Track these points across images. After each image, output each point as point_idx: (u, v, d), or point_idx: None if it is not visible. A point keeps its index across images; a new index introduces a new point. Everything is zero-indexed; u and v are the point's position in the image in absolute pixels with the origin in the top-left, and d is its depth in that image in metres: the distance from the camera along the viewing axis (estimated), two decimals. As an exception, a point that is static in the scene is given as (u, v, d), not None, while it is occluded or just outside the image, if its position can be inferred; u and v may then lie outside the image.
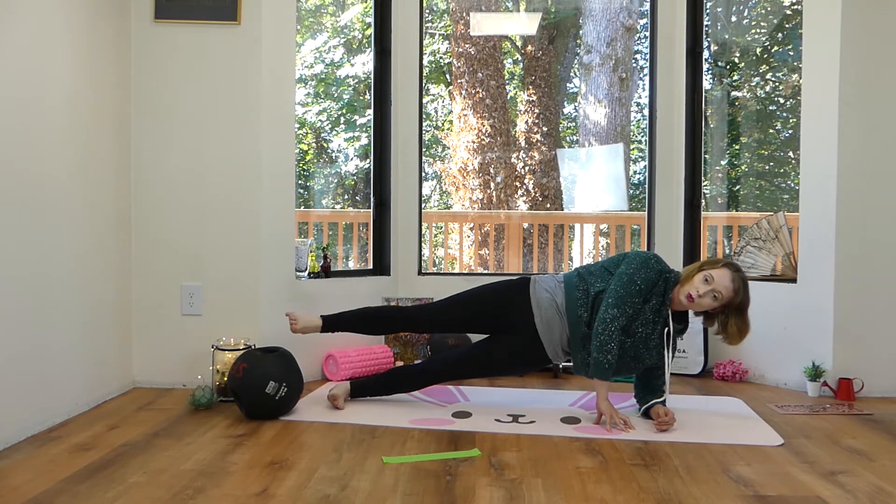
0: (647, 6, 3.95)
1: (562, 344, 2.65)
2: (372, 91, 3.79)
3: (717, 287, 2.47)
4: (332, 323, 2.81)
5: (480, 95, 6.14)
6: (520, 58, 6.55)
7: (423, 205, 3.88)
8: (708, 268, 2.53)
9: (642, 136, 5.77)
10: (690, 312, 2.66)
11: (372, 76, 3.79)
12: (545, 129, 6.14)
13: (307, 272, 3.37)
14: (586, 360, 2.58)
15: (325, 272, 3.47)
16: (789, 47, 4.26)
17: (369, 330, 2.82)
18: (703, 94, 3.77)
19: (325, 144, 5.86)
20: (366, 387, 2.81)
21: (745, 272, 3.42)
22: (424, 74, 3.94)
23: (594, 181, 5.63)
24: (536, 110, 6.16)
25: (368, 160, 3.94)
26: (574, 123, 6.41)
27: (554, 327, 2.63)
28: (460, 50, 6.24)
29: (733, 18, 4.48)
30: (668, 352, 2.56)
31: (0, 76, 2.18)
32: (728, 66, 4.30)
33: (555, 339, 2.63)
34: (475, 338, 2.96)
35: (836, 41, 2.99)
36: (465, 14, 6.18)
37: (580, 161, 5.99)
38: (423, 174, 3.99)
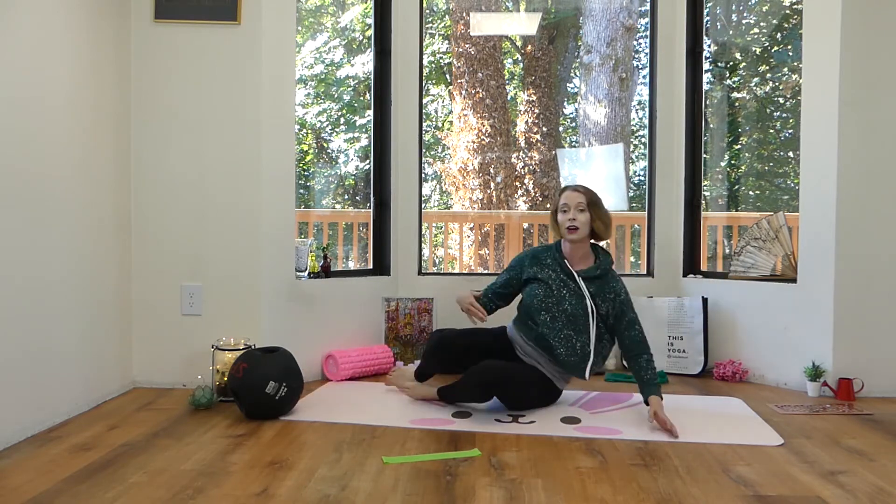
0: (647, 6, 3.95)
1: (554, 370, 2.75)
2: (372, 91, 3.79)
3: (571, 203, 2.73)
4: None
5: (480, 95, 6.14)
6: (520, 58, 6.55)
7: (423, 205, 3.89)
8: (555, 205, 2.78)
9: (642, 135, 5.77)
10: (597, 262, 2.77)
11: (372, 76, 3.79)
12: (545, 129, 6.14)
13: (307, 272, 3.37)
14: (584, 363, 2.70)
15: (325, 272, 3.47)
16: (789, 47, 4.26)
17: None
18: (703, 94, 3.77)
19: (325, 145, 5.86)
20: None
21: (746, 272, 3.44)
22: (424, 74, 3.94)
23: (594, 181, 5.62)
24: (536, 110, 6.16)
25: (368, 160, 3.94)
26: (574, 123, 6.41)
27: (536, 358, 2.75)
28: (460, 50, 6.24)
29: (733, 18, 4.47)
30: (589, 306, 2.66)
31: (0, 76, 2.18)
32: (728, 66, 4.30)
33: (545, 367, 2.74)
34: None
35: (836, 41, 3.00)
36: (465, 14, 6.18)
37: (580, 161, 5.99)
38: (423, 174, 3.99)
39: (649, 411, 2.53)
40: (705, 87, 3.79)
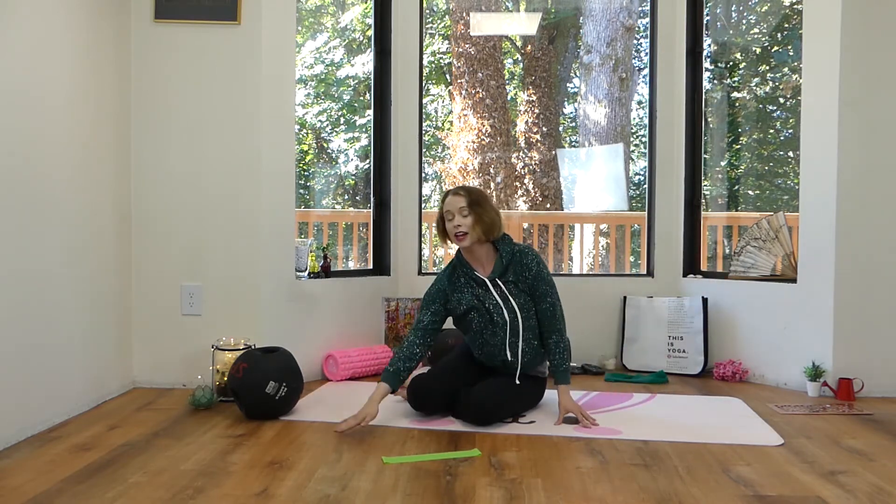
0: (647, 6, 3.95)
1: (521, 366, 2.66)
2: (372, 91, 3.79)
3: (453, 209, 2.58)
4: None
5: (480, 95, 6.14)
6: (520, 58, 6.55)
7: (423, 205, 3.89)
8: (440, 213, 2.64)
9: (642, 135, 5.77)
10: (501, 259, 2.64)
11: (372, 76, 3.79)
12: (545, 129, 6.14)
13: (307, 272, 3.37)
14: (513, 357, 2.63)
15: (325, 272, 3.47)
16: (789, 47, 4.26)
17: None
18: (703, 94, 3.77)
19: (325, 145, 5.86)
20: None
21: (746, 272, 3.44)
22: (424, 74, 3.94)
23: (594, 181, 5.63)
24: (536, 110, 6.16)
25: (368, 160, 3.94)
26: (574, 123, 6.41)
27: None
28: (460, 50, 6.24)
29: (733, 18, 4.47)
30: (511, 303, 2.59)
31: (0, 76, 2.18)
32: (728, 66, 4.29)
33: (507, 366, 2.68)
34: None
35: (836, 41, 3.00)
36: (465, 14, 6.18)
37: (580, 161, 5.99)
38: (423, 174, 3.99)
39: (559, 403, 2.57)
40: (705, 86, 3.79)
